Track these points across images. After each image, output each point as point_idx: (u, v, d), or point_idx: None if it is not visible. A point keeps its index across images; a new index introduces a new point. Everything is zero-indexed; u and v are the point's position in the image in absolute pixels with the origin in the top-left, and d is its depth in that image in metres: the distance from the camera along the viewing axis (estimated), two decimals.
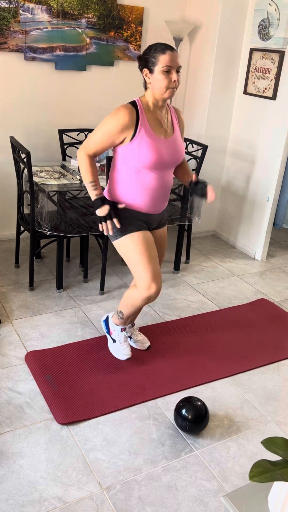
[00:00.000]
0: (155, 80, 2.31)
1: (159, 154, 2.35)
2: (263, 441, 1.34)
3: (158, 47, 2.29)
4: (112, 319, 2.83)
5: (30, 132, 4.03)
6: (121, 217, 2.47)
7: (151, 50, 2.31)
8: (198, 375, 2.76)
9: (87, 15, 3.86)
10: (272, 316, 3.45)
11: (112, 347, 2.85)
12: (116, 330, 2.82)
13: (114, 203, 2.43)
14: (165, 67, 2.27)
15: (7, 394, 2.51)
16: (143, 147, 2.32)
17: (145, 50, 2.36)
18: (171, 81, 2.30)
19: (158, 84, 2.31)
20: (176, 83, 2.31)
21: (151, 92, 2.37)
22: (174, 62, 2.29)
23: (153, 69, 2.30)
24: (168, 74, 2.29)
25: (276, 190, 4.10)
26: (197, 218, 3.85)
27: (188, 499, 2.04)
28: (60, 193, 3.26)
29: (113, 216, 2.41)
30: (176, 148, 2.45)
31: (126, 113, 2.30)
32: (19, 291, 3.48)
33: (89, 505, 1.98)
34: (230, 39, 4.08)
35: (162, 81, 2.29)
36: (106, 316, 2.92)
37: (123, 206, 2.43)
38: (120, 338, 2.81)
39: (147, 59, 2.32)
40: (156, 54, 2.28)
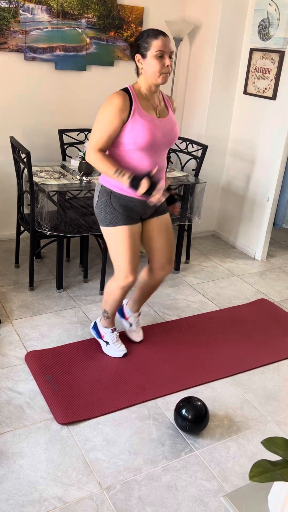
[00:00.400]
0: (147, 65, 2.31)
1: (152, 133, 2.35)
2: (263, 441, 1.34)
3: (150, 33, 2.30)
4: (101, 323, 2.88)
5: (30, 132, 4.03)
6: (115, 207, 2.48)
7: (143, 36, 2.31)
8: (198, 375, 2.76)
9: (87, 15, 3.86)
10: (272, 316, 3.45)
11: (106, 349, 2.86)
12: (107, 333, 2.85)
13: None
14: (158, 51, 2.28)
15: (7, 394, 2.51)
16: (136, 127, 2.32)
17: (137, 36, 2.36)
18: (164, 65, 2.30)
19: (151, 69, 2.31)
20: (169, 68, 2.31)
21: (143, 78, 2.37)
22: (166, 47, 2.29)
23: (145, 54, 2.30)
24: (161, 59, 2.29)
25: (276, 190, 4.10)
26: (197, 218, 3.86)
27: (188, 499, 2.04)
28: (60, 193, 3.26)
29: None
30: (170, 128, 2.45)
31: (119, 98, 2.30)
32: (19, 291, 3.48)
33: (89, 505, 1.98)
34: (230, 39, 4.08)
35: (155, 65, 2.30)
36: (93, 323, 2.95)
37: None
38: (113, 339, 2.85)
39: (139, 44, 2.32)
40: (148, 39, 2.29)
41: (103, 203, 2.50)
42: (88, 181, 3.38)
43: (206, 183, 3.88)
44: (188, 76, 4.40)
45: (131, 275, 2.58)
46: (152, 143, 2.36)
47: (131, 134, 2.33)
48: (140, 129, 2.33)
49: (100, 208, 2.52)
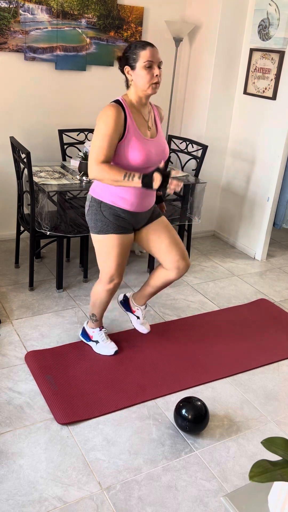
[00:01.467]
0: (137, 76, 2.32)
1: (147, 155, 2.36)
2: (263, 441, 1.34)
3: (138, 44, 2.31)
4: (88, 326, 2.91)
5: (30, 132, 4.03)
6: (106, 215, 2.48)
7: (130, 48, 2.32)
8: (198, 375, 2.76)
9: (87, 15, 3.86)
10: (272, 316, 3.45)
11: (97, 348, 2.87)
12: (95, 332, 2.87)
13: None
14: (147, 62, 2.28)
15: (7, 394, 2.51)
16: (131, 148, 2.33)
17: (124, 49, 2.38)
18: (153, 76, 2.31)
19: (141, 80, 2.31)
20: (159, 77, 2.32)
21: (133, 90, 2.38)
22: (155, 57, 2.30)
23: (134, 66, 2.31)
24: (150, 69, 2.30)
25: (276, 190, 4.10)
26: (197, 218, 3.86)
27: (188, 499, 2.04)
28: (60, 193, 3.26)
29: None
30: (162, 147, 2.47)
31: (114, 111, 2.30)
32: (19, 291, 3.48)
33: (89, 505, 1.98)
34: (230, 39, 4.08)
35: (144, 76, 2.30)
36: (82, 330, 2.97)
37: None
38: (102, 337, 2.87)
39: (128, 56, 2.33)
40: (136, 51, 2.30)
41: (93, 211, 2.51)
42: (88, 181, 3.38)
43: (206, 183, 3.88)
44: (188, 76, 4.40)
45: (117, 278, 2.62)
46: (146, 164, 2.38)
47: (125, 152, 2.34)
48: (135, 151, 2.33)
49: (90, 215, 2.53)
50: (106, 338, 2.87)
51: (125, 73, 2.37)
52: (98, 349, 2.86)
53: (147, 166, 2.40)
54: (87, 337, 2.91)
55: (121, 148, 2.34)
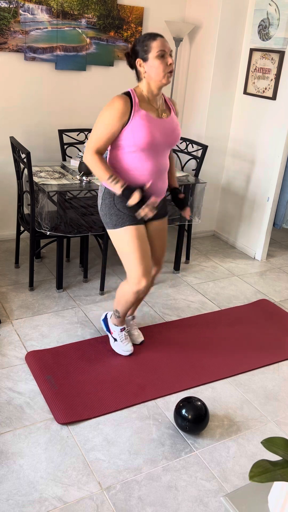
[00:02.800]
0: (151, 67, 2.32)
1: (152, 133, 2.35)
2: (263, 441, 1.34)
3: (147, 36, 2.32)
4: (111, 320, 2.89)
5: (30, 132, 4.03)
6: (120, 208, 2.47)
7: (140, 41, 2.33)
8: (198, 375, 2.76)
9: (87, 15, 3.86)
10: (273, 316, 3.45)
11: (114, 345, 2.89)
12: (116, 331, 2.86)
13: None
14: (160, 51, 2.29)
15: (7, 394, 2.51)
16: (136, 128, 2.33)
17: (133, 43, 2.38)
18: (167, 64, 2.31)
19: (155, 70, 2.32)
20: (172, 66, 2.33)
21: (146, 82, 2.37)
22: (166, 46, 2.32)
23: (147, 57, 2.31)
24: (163, 58, 2.31)
25: (276, 190, 4.10)
26: (197, 218, 3.86)
27: (188, 499, 2.04)
28: (60, 193, 3.26)
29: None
30: (171, 129, 2.46)
31: (121, 102, 2.31)
32: (19, 291, 3.48)
33: (89, 505, 1.98)
34: (230, 39, 4.08)
35: (158, 66, 2.31)
36: (104, 315, 2.95)
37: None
38: (121, 337, 2.86)
39: (138, 50, 2.33)
40: (147, 42, 2.30)
41: (107, 205, 2.50)
42: (88, 181, 3.38)
43: (206, 183, 3.88)
44: (188, 76, 4.40)
45: (144, 278, 2.54)
46: (152, 143, 2.36)
47: (130, 135, 2.34)
48: (139, 129, 2.33)
49: (104, 210, 2.52)
50: (125, 339, 2.86)
51: (136, 66, 2.36)
52: (115, 346, 2.87)
53: (152, 146, 2.37)
54: (108, 328, 2.92)
55: (126, 131, 2.34)
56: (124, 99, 2.31)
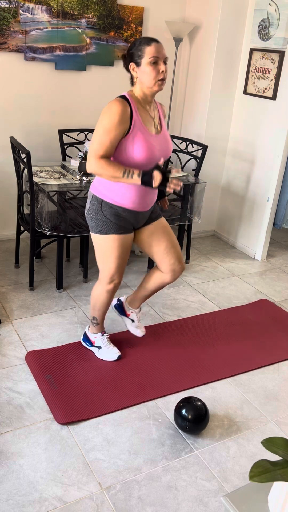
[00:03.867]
0: (142, 73, 2.28)
1: (151, 151, 2.33)
2: (263, 441, 1.34)
3: (142, 40, 2.28)
4: (89, 331, 2.87)
5: (30, 132, 4.03)
6: (106, 215, 2.45)
7: (135, 44, 2.29)
8: (198, 375, 2.76)
9: (87, 15, 3.86)
10: (273, 316, 3.45)
11: (99, 354, 2.83)
12: (97, 337, 2.84)
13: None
14: (152, 58, 2.25)
15: (7, 394, 2.51)
16: (136, 143, 2.30)
17: (129, 46, 2.34)
18: (159, 72, 2.27)
19: (147, 77, 2.28)
20: (165, 73, 2.29)
21: (139, 87, 2.34)
22: (160, 53, 2.27)
23: (139, 62, 2.28)
24: (156, 65, 2.26)
25: (276, 190, 4.10)
26: (197, 218, 3.86)
27: (188, 499, 2.04)
28: (60, 193, 3.26)
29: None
30: (166, 144, 2.44)
31: (120, 106, 2.26)
32: (19, 291, 3.48)
33: (89, 505, 1.98)
34: (230, 39, 4.08)
35: (150, 73, 2.27)
36: (83, 335, 2.93)
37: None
38: (104, 342, 2.83)
39: (133, 53, 2.29)
40: (141, 47, 2.26)
41: (94, 210, 2.47)
42: (88, 181, 3.38)
43: (206, 183, 3.88)
44: (188, 76, 4.40)
45: (117, 278, 2.60)
46: (149, 159, 2.35)
47: (130, 148, 2.30)
48: (140, 146, 2.30)
49: (91, 214, 2.50)
50: (108, 343, 2.83)
51: (130, 70, 2.33)
52: (101, 354, 2.82)
53: (150, 162, 2.36)
54: (89, 342, 2.88)
55: (125, 143, 2.30)
56: (122, 104, 2.27)
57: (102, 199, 2.45)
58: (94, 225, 2.50)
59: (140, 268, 3.99)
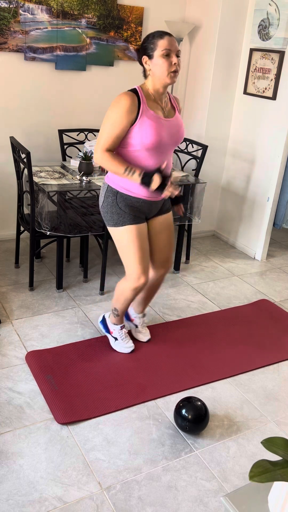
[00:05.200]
0: (155, 65, 2.32)
1: (159, 134, 2.35)
2: (263, 441, 1.34)
3: (155, 34, 2.32)
4: (110, 319, 2.89)
5: (30, 132, 4.03)
6: (121, 207, 2.48)
7: (149, 38, 2.33)
8: (198, 375, 2.76)
9: (87, 15, 3.86)
10: (273, 316, 3.45)
11: (115, 344, 2.88)
12: (116, 330, 2.86)
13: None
14: (165, 50, 2.28)
15: (7, 394, 2.51)
16: (144, 128, 2.32)
17: (143, 39, 2.37)
18: (171, 64, 2.30)
19: (159, 69, 2.31)
20: (177, 66, 2.32)
21: (151, 80, 2.37)
22: (173, 46, 2.30)
23: (152, 55, 2.31)
24: (168, 57, 2.30)
25: (276, 190, 4.10)
26: (197, 218, 3.86)
27: (188, 499, 2.04)
28: (60, 193, 3.26)
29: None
30: (177, 129, 2.46)
31: (127, 98, 2.29)
32: (19, 291, 3.48)
33: (89, 505, 1.98)
34: (230, 39, 4.08)
35: (162, 65, 2.30)
36: (102, 317, 2.95)
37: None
38: (121, 336, 2.86)
39: (146, 46, 2.33)
40: (154, 40, 2.30)
41: (109, 203, 2.50)
42: (88, 181, 3.38)
43: (206, 183, 3.88)
44: (188, 76, 4.40)
45: (143, 275, 2.58)
46: (158, 144, 2.36)
47: (138, 135, 2.33)
48: (147, 129, 2.32)
49: (106, 208, 2.52)
50: (125, 337, 2.87)
51: (143, 63, 2.36)
52: (116, 345, 2.87)
53: (158, 146, 2.37)
54: (107, 329, 2.91)
55: (134, 130, 2.33)
56: (131, 96, 2.30)
57: (117, 191, 2.47)
58: (109, 218, 2.52)
59: None
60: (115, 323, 2.86)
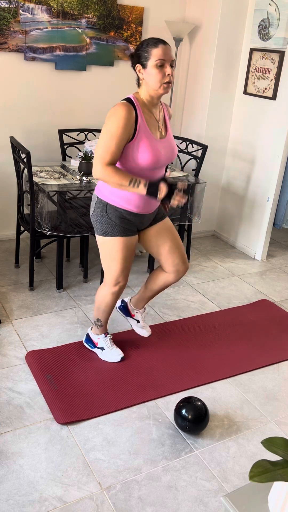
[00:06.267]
0: (148, 75, 2.25)
1: (156, 156, 2.32)
2: (263, 441, 1.34)
3: (150, 42, 2.24)
4: (92, 332, 2.86)
5: (30, 132, 4.03)
6: (111, 218, 2.45)
7: (143, 45, 2.26)
8: (198, 375, 2.76)
9: (87, 15, 3.86)
10: (273, 317, 3.45)
11: (102, 355, 2.82)
12: (100, 339, 2.82)
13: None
14: (158, 60, 2.21)
15: (7, 394, 2.51)
16: (141, 149, 2.28)
17: (137, 46, 2.30)
18: (165, 75, 2.24)
19: (152, 79, 2.25)
20: (171, 77, 2.25)
21: (145, 89, 2.31)
22: (167, 55, 2.23)
23: (146, 64, 2.24)
24: (162, 68, 2.23)
25: (276, 190, 4.10)
26: (197, 218, 3.86)
27: (188, 499, 2.04)
28: (60, 193, 3.26)
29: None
30: (171, 148, 2.43)
31: (125, 111, 2.23)
32: (19, 291, 3.48)
33: (89, 505, 1.98)
34: (230, 39, 4.08)
35: (155, 75, 2.23)
36: (85, 336, 2.91)
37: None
38: (107, 344, 2.82)
39: (140, 54, 2.26)
40: (148, 48, 2.23)
41: (99, 213, 2.46)
42: (88, 181, 3.38)
43: (206, 183, 3.88)
44: (188, 76, 4.40)
45: (122, 280, 2.58)
46: (154, 164, 2.34)
47: (135, 153, 2.29)
48: (145, 151, 2.28)
49: (96, 217, 2.49)
50: (111, 345, 2.82)
51: (136, 71, 2.30)
52: (104, 356, 2.81)
53: (155, 167, 2.36)
54: (92, 343, 2.86)
55: (130, 148, 2.28)
56: (128, 108, 2.24)
57: (107, 202, 2.44)
58: (99, 227, 2.49)
59: (140, 268, 3.99)
60: (99, 334, 2.81)
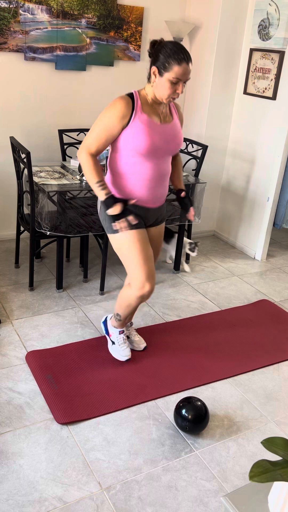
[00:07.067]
0: (160, 84, 2.26)
1: (152, 138, 2.31)
2: (263, 441, 1.34)
3: (176, 55, 2.20)
4: (110, 322, 2.85)
5: (30, 132, 4.03)
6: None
7: (167, 50, 2.21)
8: (198, 375, 2.76)
9: (87, 15, 3.86)
10: (273, 317, 3.45)
11: (111, 348, 2.84)
12: (114, 333, 2.82)
13: (125, 200, 2.35)
14: (175, 78, 2.23)
15: (7, 394, 2.51)
16: (136, 133, 2.29)
17: (162, 43, 2.25)
18: (175, 92, 2.27)
19: (162, 90, 2.27)
20: (179, 94, 2.28)
21: (152, 90, 2.33)
22: (185, 75, 2.24)
23: (162, 73, 2.24)
24: (175, 85, 2.25)
25: (276, 190, 4.10)
26: (197, 218, 3.86)
27: (188, 499, 2.04)
28: (60, 193, 3.26)
29: (127, 214, 2.32)
30: (173, 134, 2.41)
31: (122, 103, 2.26)
32: (19, 291, 3.48)
33: (89, 505, 1.98)
34: (230, 39, 4.08)
35: (166, 89, 2.26)
36: (105, 318, 2.92)
37: (135, 201, 2.37)
38: (119, 340, 2.81)
39: (161, 58, 2.23)
40: (171, 61, 2.20)
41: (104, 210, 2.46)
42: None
43: (206, 183, 3.88)
44: None
45: (148, 283, 2.47)
46: (151, 149, 2.33)
47: (130, 139, 2.30)
48: (140, 134, 2.29)
49: (104, 215, 2.48)
50: (123, 343, 2.81)
51: (150, 70, 2.29)
52: (112, 350, 2.82)
53: (152, 151, 2.34)
54: (107, 331, 2.88)
55: (126, 134, 2.31)
56: (126, 101, 2.27)
57: None
58: (108, 226, 2.48)
59: None
60: (115, 327, 2.81)
